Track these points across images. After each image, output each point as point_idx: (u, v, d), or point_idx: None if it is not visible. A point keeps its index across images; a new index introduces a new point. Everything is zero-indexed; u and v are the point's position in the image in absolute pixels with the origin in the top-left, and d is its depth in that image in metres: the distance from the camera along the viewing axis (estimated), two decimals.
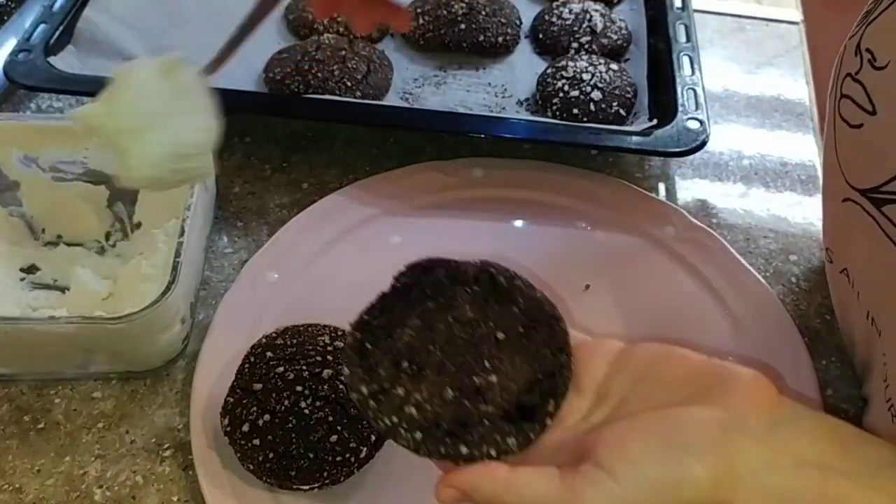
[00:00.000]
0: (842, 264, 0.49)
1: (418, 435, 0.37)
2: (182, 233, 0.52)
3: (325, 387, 0.47)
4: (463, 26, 0.73)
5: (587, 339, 0.40)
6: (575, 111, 0.67)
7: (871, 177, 0.40)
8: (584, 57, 0.70)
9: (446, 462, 0.37)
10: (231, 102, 0.65)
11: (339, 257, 0.61)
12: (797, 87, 0.79)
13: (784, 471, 0.33)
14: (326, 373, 0.48)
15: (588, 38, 0.73)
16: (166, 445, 0.51)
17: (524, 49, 0.75)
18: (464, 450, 0.36)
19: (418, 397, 0.38)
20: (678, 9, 0.75)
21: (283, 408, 0.46)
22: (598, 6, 0.76)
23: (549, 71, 0.70)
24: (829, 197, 0.48)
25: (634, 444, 0.34)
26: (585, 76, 0.68)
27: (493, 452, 0.36)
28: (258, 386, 0.47)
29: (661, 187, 0.69)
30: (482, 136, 0.64)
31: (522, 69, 0.73)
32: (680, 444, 0.34)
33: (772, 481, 0.33)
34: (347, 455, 0.46)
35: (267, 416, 0.46)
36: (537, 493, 0.34)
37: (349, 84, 0.67)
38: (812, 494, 0.33)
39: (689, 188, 0.69)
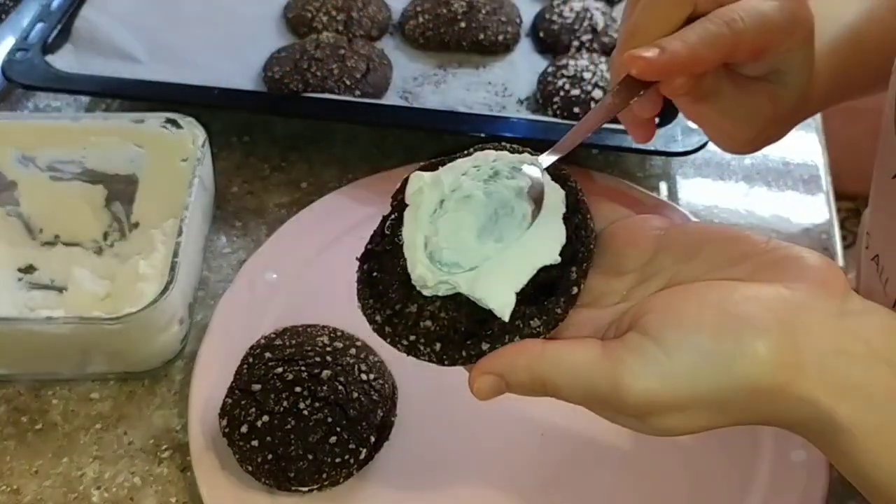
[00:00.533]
0: (875, 250, 0.47)
1: (437, 346, 0.35)
2: (180, 233, 0.52)
3: (324, 388, 0.47)
4: (463, 25, 0.73)
5: (629, 216, 0.37)
6: (576, 110, 0.66)
7: None
8: (585, 55, 0.70)
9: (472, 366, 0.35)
10: (229, 101, 0.66)
11: (339, 257, 0.60)
12: None
13: (854, 360, 0.30)
14: (325, 373, 0.47)
15: (589, 36, 0.73)
16: (164, 446, 0.51)
17: (525, 48, 0.75)
18: (485, 346, 0.34)
19: (431, 308, 0.36)
20: None
21: (281, 409, 0.46)
22: (599, 4, 0.75)
23: (549, 69, 0.70)
24: (879, 177, 0.46)
25: (688, 311, 0.30)
26: (587, 75, 0.67)
27: (517, 340, 0.34)
28: (257, 387, 0.47)
29: (663, 187, 0.68)
30: (482, 135, 0.63)
31: (523, 68, 0.73)
32: (740, 316, 0.30)
33: (839, 369, 0.30)
34: (346, 456, 0.46)
35: (266, 418, 0.46)
36: (576, 363, 0.31)
37: (348, 83, 0.67)
38: (880, 389, 0.30)
39: (691, 187, 0.69)
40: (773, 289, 0.31)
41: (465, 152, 0.40)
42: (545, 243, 0.35)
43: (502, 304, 0.34)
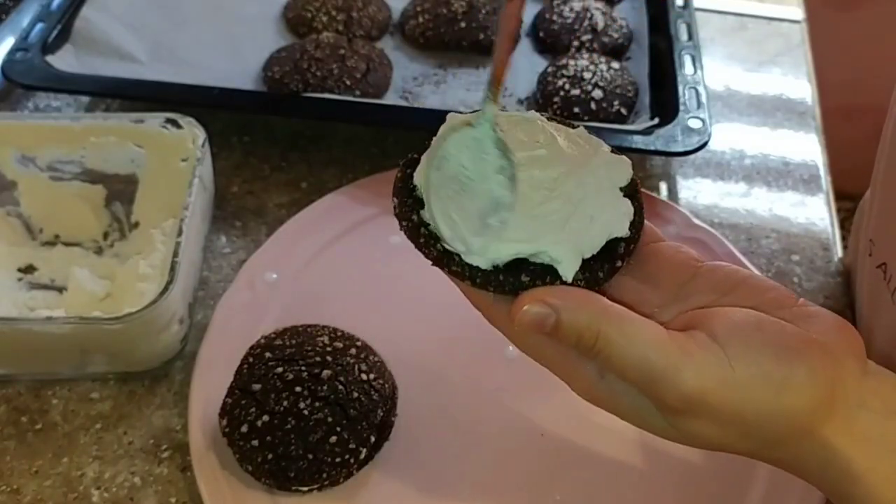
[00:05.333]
0: (881, 258, 0.47)
1: (472, 261, 0.33)
2: (180, 232, 0.52)
3: (325, 387, 0.47)
4: (463, 24, 0.73)
5: (662, 240, 0.37)
6: (576, 110, 0.66)
7: None
8: (585, 55, 0.70)
9: (500, 296, 0.33)
10: (229, 101, 0.65)
11: (339, 257, 0.60)
12: (799, 85, 0.79)
13: (872, 415, 0.32)
14: (326, 373, 0.47)
15: (589, 36, 0.73)
16: (164, 447, 0.51)
17: (525, 47, 0.75)
18: (525, 278, 0.32)
19: None
20: (680, 7, 0.74)
21: (282, 409, 0.46)
22: (599, 4, 0.75)
23: (549, 69, 0.70)
24: (886, 186, 0.46)
25: (755, 331, 0.32)
26: (586, 75, 0.67)
27: (557, 283, 0.32)
28: (257, 387, 0.47)
29: (663, 187, 0.68)
30: None
31: (523, 68, 0.73)
32: (798, 350, 0.31)
33: (860, 422, 0.32)
34: (347, 456, 0.46)
35: (266, 417, 0.46)
36: (644, 333, 0.31)
37: (348, 83, 0.67)
38: (892, 440, 0.32)
39: (691, 187, 0.69)
40: (819, 338, 0.32)
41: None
42: (617, 216, 0.34)
43: (571, 270, 0.33)
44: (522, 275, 0.32)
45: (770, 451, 0.33)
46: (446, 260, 0.33)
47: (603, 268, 0.34)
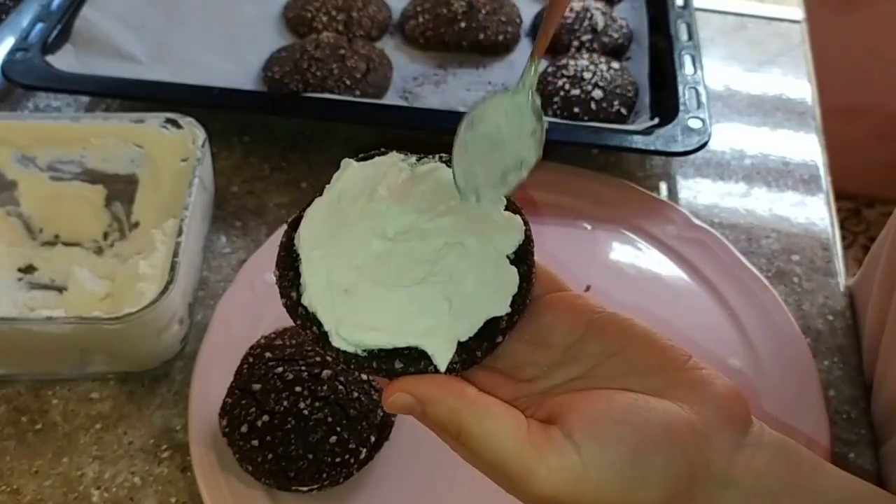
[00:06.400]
0: None
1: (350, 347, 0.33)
2: (180, 232, 0.52)
3: (325, 387, 0.47)
4: (463, 25, 0.73)
5: (563, 288, 0.37)
6: (576, 110, 0.66)
7: None
8: (585, 55, 0.70)
9: (380, 378, 0.34)
10: (229, 101, 0.65)
11: None
12: (799, 85, 0.79)
13: (737, 493, 0.32)
14: (325, 373, 0.47)
15: (589, 36, 0.73)
16: (164, 447, 0.51)
17: (525, 47, 0.75)
18: (399, 365, 0.32)
19: None
20: (680, 7, 0.74)
21: (281, 409, 0.46)
22: (600, 4, 0.75)
23: (549, 69, 0.70)
24: None
25: (610, 428, 0.32)
26: (586, 75, 0.67)
27: (430, 370, 0.32)
28: (257, 387, 0.47)
29: (663, 186, 0.68)
30: None
31: (523, 68, 0.73)
32: (654, 440, 0.32)
33: (723, 501, 0.32)
34: (347, 456, 0.46)
35: (266, 417, 0.46)
36: (500, 431, 0.31)
37: (348, 83, 0.67)
38: None
39: (691, 187, 0.69)
40: (686, 414, 0.32)
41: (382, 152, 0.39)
42: (498, 291, 0.33)
43: (444, 359, 0.33)
44: (396, 361, 0.33)
45: None
46: (322, 343, 0.33)
47: (481, 346, 0.33)
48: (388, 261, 0.34)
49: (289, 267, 0.34)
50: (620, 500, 0.31)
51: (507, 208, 0.35)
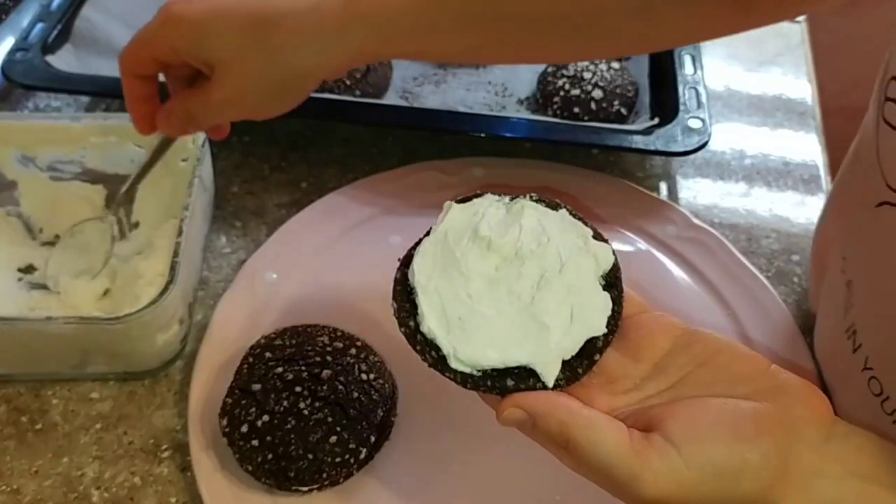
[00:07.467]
0: (849, 275, 0.47)
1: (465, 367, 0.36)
2: (180, 233, 0.52)
3: (325, 387, 0.47)
4: None
5: (651, 311, 0.40)
6: (576, 110, 0.66)
7: None
8: None
9: (490, 396, 0.37)
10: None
11: (339, 257, 0.60)
12: (799, 85, 0.79)
13: (829, 480, 0.35)
14: (326, 373, 0.47)
15: None
16: (164, 447, 0.51)
17: None
18: (510, 383, 0.36)
19: None
20: None
21: (282, 409, 0.46)
22: None
23: (549, 69, 0.70)
24: (855, 205, 0.47)
25: (706, 428, 0.34)
26: (586, 75, 0.67)
27: (538, 386, 0.36)
28: (257, 387, 0.47)
29: (663, 186, 0.68)
30: (482, 135, 0.63)
31: (523, 68, 0.73)
32: (747, 435, 0.34)
33: (816, 489, 0.34)
34: (347, 456, 0.46)
35: (266, 417, 0.46)
36: (609, 443, 0.34)
37: (348, 83, 0.67)
38: (849, 501, 0.34)
39: (691, 187, 0.69)
40: (775, 411, 0.35)
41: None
42: (595, 314, 0.37)
43: (551, 376, 0.36)
44: (508, 379, 0.36)
45: None
46: (441, 366, 0.37)
47: (582, 364, 0.37)
48: (495, 290, 0.37)
49: (405, 299, 0.38)
50: (722, 494, 0.34)
51: (594, 237, 0.39)
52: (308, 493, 0.47)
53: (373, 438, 0.47)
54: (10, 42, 0.69)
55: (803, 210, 0.67)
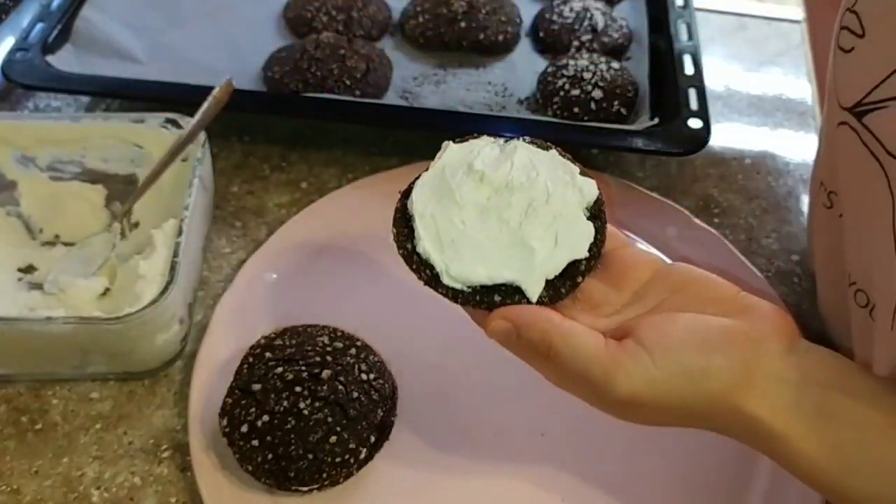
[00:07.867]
0: (841, 208, 0.49)
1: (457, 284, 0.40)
2: (180, 233, 0.52)
3: (325, 387, 0.47)
4: (463, 24, 0.73)
5: (633, 246, 0.44)
6: (576, 110, 0.66)
7: (855, 94, 0.42)
8: (585, 55, 0.70)
9: (479, 310, 0.40)
10: (229, 101, 0.65)
11: (339, 257, 0.60)
12: (799, 85, 0.79)
13: (790, 386, 0.37)
14: (325, 373, 0.47)
15: (589, 36, 0.73)
16: (164, 447, 0.51)
17: (525, 47, 0.75)
18: (497, 298, 0.39)
19: None
20: (680, 7, 0.74)
21: (281, 409, 0.46)
22: (599, 4, 0.75)
23: (549, 69, 0.70)
24: (828, 131, 0.49)
25: (676, 334, 0.38)
26: (586, 75, 0.67)
27: (523, 302, 0.39)
28: (257, 387, 0.47)
29: (663, 187, 0.68)
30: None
31: (523, 68, 0.73)
32: (713, 343, 0.37)
33: (779, 392, 0.37)
34: (346, 456, 0.46)
35: (266, 417, 0.46)
36: (586, 348, 0.37)
37: (348, 83, 0.67)
38: (809, 406, 0.37)
39: (691, 187, 0.69)
40: (741, 325, 0.38)
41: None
42: (579, 239, 0.41)
43: (535, 292, 0.39)
44: (495, 295, 0.39)
45: (701, 423, 0.39)
46: (434, 282, 0.40)
47: (565, 284, 0.40)
48: (486, 217, 0.40)
49: (403, 225, 0.41)
50: (688, 389, 0.37)
51: (581, 174, 0.42)
52: (308, 493, 0.47)
53: (373, 438, 0.47)
54: (10, 42, 0.69)
55: (803, 209, 0.67)
